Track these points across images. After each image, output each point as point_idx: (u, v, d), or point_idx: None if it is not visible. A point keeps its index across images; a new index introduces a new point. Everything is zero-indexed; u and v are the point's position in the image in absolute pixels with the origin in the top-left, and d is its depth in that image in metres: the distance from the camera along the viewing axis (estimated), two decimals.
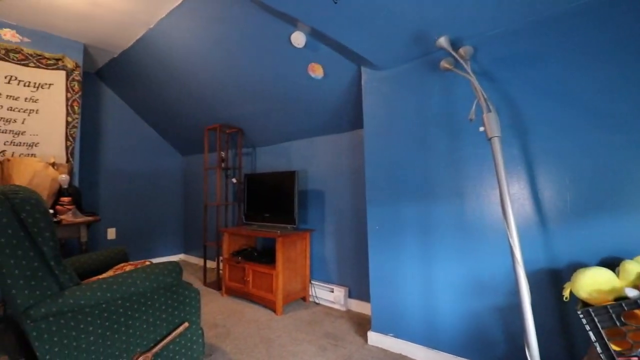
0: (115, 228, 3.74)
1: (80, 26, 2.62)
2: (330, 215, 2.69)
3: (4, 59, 2.51)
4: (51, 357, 1.24)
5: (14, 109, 2.54)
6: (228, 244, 2.87)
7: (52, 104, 2.72)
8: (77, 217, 2.26)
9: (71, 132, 2.81)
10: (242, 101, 2.86)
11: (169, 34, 2.57)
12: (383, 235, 1.86)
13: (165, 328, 1.56)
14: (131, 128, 3.92)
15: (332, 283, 2.61)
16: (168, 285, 1.56)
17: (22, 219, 1.20)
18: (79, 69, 2.90)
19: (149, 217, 4.03)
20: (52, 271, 1.27)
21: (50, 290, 1.25)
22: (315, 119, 2.61)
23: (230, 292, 2.82)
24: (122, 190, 3.80)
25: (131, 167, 3.88)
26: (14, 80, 2.55)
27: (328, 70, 2.11)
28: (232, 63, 2.52)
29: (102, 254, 1.95)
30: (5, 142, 2.47)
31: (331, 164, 2.69)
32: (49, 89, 2.72)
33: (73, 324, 1.29)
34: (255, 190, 2.96)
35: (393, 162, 1.83)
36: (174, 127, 3.86)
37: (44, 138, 2.66)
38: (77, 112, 2.86)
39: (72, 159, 2.80)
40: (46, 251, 1.25)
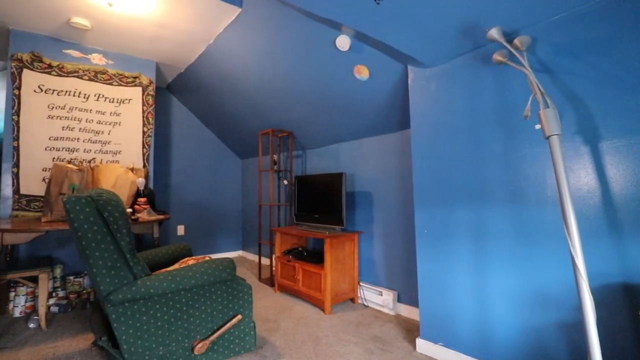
0: (184, 225, 4.14)
1: (152, 47, 2.97)
2: (378, 217, 2.65)
3: (93, 80, 2.95)
4: (127, 337, 1.44)
5: (102, 122, 2.97)
6: (280, 242, 3.00)
7: (131, 117, 3.13)
8: (151, 216, 2.56)
9: (147, 140, 3.20)
10: (291, 106, 2.97)
11: (226, 48, 2.79)
12: (432, 239, 1.79)
13: (221, 319, 1.70)
14: (196, 135, 4.31)
15: (380, 286, 2.58)
16: (223, 280, 1.70)
17: (104, 217, 1.41)
18: (152, 84, 3.28)
19: (212, 215, 4.39)
20: (127, 263, 1.47)
21: (126, 279, 1.45)
22: (363, 120, 2.60)
23: (282, 289, 2.95)
24: (189, 191, 4.20)
25: (196, 170, 4.27)
26: (102, 97, 2.99)
27: (374, 70, 2.10)
28: (281, 71, 2.64)
29: (170, 249, 2.19)
30: (95, 151, 2.92)
31: (379, 165, 2.66)
32: (129, 103, 3.13)
33: (144, 309, 1.48)
34: (304, 191, 3.04)
35: (442, 163, 1.75)
36: (232, 133, 4.15)
37: (125, 146, 3.07)
38: (151, 123, 3.24)
39: (147, 164, 3.18)
40: (123, 245, 1.45)
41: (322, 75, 2.43)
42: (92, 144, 2.90)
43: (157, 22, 2.52)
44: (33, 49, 2.67)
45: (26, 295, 2.36)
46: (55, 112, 2.75)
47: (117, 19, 2.48)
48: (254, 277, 3.43)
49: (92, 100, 2.93)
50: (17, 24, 2.54)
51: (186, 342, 1.60)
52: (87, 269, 1.49)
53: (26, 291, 2.36)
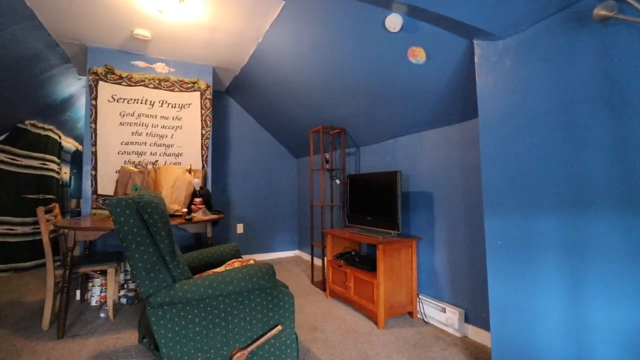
0: (242, 224, 4.26)
1: (207, 52, 3.07)
2: (441, 222, 2.32)
3: (158, 88, 3.16)
4: (165, 341, 1.42)
5: (166, 127, 3.16)
6: (331, 245, 2.85)
7: (191, 120, 3.28)
8: (205, 215, 2.63)
9: (205, 142, 3.32)
10: (342, 100, 2.79)
11: (274, 45, 2.72)
12: (507, 253, 1.44)
13: (261, 328, 1.61)
14: (253, 135, 4.40)
15: (444, 301, 2.24)
16: (262, 287, 1.60)
17: (144, 219, 1.41)
18: (209, 88, 3.40)
19: (269, 214, 4.44)
20: (167, 265, 1.45)
21: (165, 282, 1.43)
22: (421, 111, 2.30)
23: (334, 295, 2.79)
24: (247, 190, 4.31)
25: (254, 170, 4.36)
26: (165, 103, 3.18)
27: (431, 52, 1.80)
28: (329, 63, 2.47)
29: (219, 249, 2.18)
30: (160, 154, 3.12)
31: (442, 161, 2.32)
32: (189, 108, 3.28)
33: (183, 313, 1.45)
34: (356, 191, 2.84)
35: (520, 158, 1.39)
36: (286, 132, 4.13)
37: (186, 148, 3.23)
38: (209, 126, 3.36)
39: (206, 165, 3.30)
40: (162, 248, 1.44)
41: (372, 64, 2.20)
42: (157, 147, 3.10)
43: (207, 25, 2.56)
44: (106, 63, 2.95)
45: (101, 287, 2.60)
46: (125, 119, 3.00)
47: (172, 26, 2.58)
48: (307, 280, 3.34)
49: (157, 106, 3.13)
50: (93, 40, 2.82)
51: (225, 350, 1.53)
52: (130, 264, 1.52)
53: (101, 283, 2.60)
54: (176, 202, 2.66)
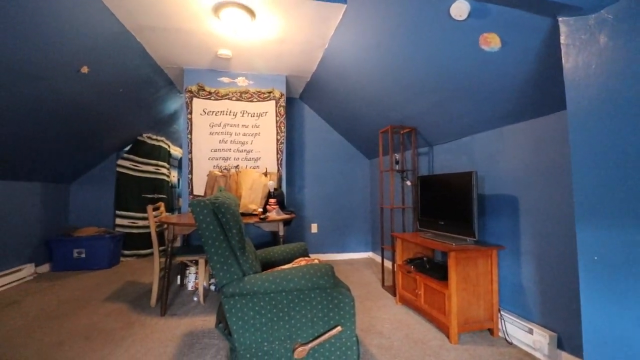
0: (316, 223, 4.43)
1: (279, 63, 3.29)
2: (527, 230, 2.02)
3: (240, 100, 3.51)
4: (237, 327, 1.58)
5: (246, 134, 3.50)
6: (401, 250, 2.75)
7: (267, 127, 3.55)
8: (278, 215, 2.82)
9: (280, 147, 3.56)
10: (411, 98, 2.67)
11: (340, 49, 2.77)
12: (607, 271, 1.18)
13: (322, 327, 1.65)
14: (326, 138, 4.53)
15: (532, 321, 1.95)
16: (322, 287, 1.65)
17: (218, 218, 1.59)
18: (283, 97, 3.64)
19: (342, 215, 4.51)
20: (237, 260, 1.61)
21: (236, 275, 1.60)
22: (499, 103, 2.05)
23: (404, 301, 2.68)
24: (320, 191, 4.46)
25: (327, 171, 4.49)
26: (246, 113, 3.52)
27: (506, 36, 1.59)
28: (394, 62, 2.40)
29: (288, 247, 2.32)
30: (242, 159, 3.46)
31: (528, 160, 2.03)
32: (265, 116, 3.56)
33: (251, 305, 1.59)
34: (428, 194, 2.68)
35: (623, 157, 1.13)
36: (357, 133, 4.14)
37: (263, 153, 3.52)
38: (283, 131, 3.59)
39: (281, 167, 3.54)
40: (234, 244, 1.61)
41: (441, 57, 2.05)
42: (239, 152, 3.46)
43: (277, 39, 2.75)
44: (198, 81, 3.41)
45: (195, 274, 3.02)
46: (214, 129, 3.42)
47: (247, 44, 2.85)
48: (377, 283, 3.28)
49: (239, 116, 3.49)
50: (188, 63, 3.31)
51: (288, 343, 1.63)
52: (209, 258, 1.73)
53: (195, 271, 3.02)
54: (254, 202, 2.92)
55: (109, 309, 2.55)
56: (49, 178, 3.74)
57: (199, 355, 1.86)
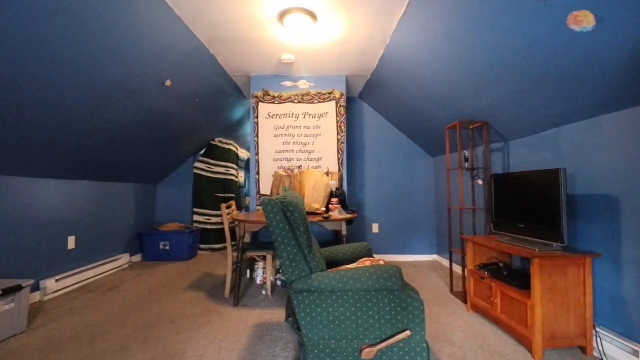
0: (377, 223, 4.36)
1: (340, 63, 3.31)
2: (630, 235, 1.73)
3: (301, 102, 3.61)
4: (305, 323, 1.63)
5: (308, 135, 3.59)
6: (472, 253, 2.56)
7: (328, 128, 3.60)
8: (341, 214, 2.84)
9: (340, 146, 3.59)
10: (482, 90, 2.47)
11: (402, 43, 2.68)
12: None
13: (389, 329, 1.62)
14: (387, 136, 4.43)
15: (636, 341, 1.67)
16: (389, 289, 1.61)
17: (287, 216, 1.66)
18: (343, 96, 3.65)
19: (404, 215, 4.37)
20: (305, 257, 1.66)
21: (303, 272, 1.65)
22: (592, 91, 1.78)
23: (476, 309, 2.49)
24: (382, 190, 4.37)
25: (388, 170, 4.39)
26: (307, 115, 3.61)
27: (602, 12, 1.37)
28: (463, 51, 2.24)
29: (352, 246, 2.33)
30: (304, 159, 3.56)
31: (630, 154, 1.73)
32: (326, 116, 3.62)
33: (318, 302, 1.63)
34: (504, 193, 2.45)
35: None
36: (420, 130, 3.97)
37: (324, 153, 3.58)
38: (343, 131, 3.61)
39: (341, 167, 3.56)
40: (301, 242, 1.66)
41: (519, 42, 1.86)
42: (301, 153, 3.56)
43: (339, 40, 2.77)
44: (263, 87, 3.60)
45: (263, 269, 3.19)
46: (278, 132, 3.58)
47: (309, 47, 2.92)
48: (444, 288, 3.11)
49: (300, 118, 3.60)
50: (254, 70, 3.51)
51: (355, 342, 1.63)
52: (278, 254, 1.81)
53: (263, 265, 3.19)
54: (316, 201, 2.99)
55: (190, 296, 2.83)
56: (140, 179, 4.29)
57: (269, 347, 1.96)
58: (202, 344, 1.99)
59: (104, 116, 2.71)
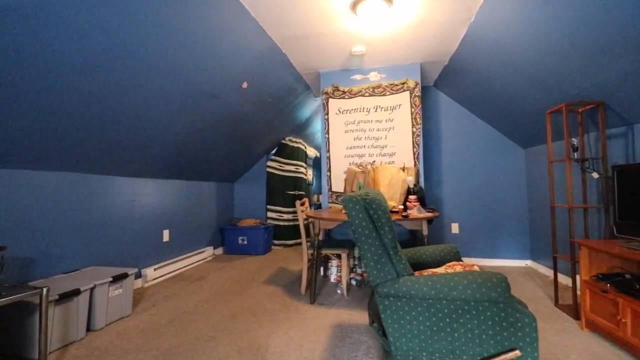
0: (457, 223, 3.99)
1: (413, 50, 3.07)
2: None
3: (372, 95, 3.46)
4: (392, 330, 1.50)
5: (380, 130, 3.43)
6: (588, 261, 2.14)
7: (402, 120, 3.39)
8: (420, 213, 2.63)
9: (416, 140, 3.35)
10: (595, 65, 2.03)
11: (490, 20, 2.35)
12: None
13: (493, 346, 1.41)
14: (466, 126, 4.02)
15: None
16: (493, 300, 1.40)
17: (370, 215, 1.55)
18: (418, 86, 3.40)
19: (489, 214, 3.93)
20: (390, 259, 1.53)
21: (390, 275, 1.52)
22: None
23: (593, 328, 2.07)
24: (462, 187, 3.99)
25: (469, 164, 3.98)
26: (379, 108, 3.45)
27: None
28: (568, 21, 1.85)
29: (437, 249, 2.12)
30: (376, 155, 3.41)
31: None
32: (399, 108, 3.41)
33: (407, 308, 1.49)
34: (631, 189, 1.98)
35: None
36: (509, 118, 3.50)
37: (398, 148, 3.38)
38: (419, 123, 3.36)
39: (417, 162, 3.32)
40: (386, 242, 1.54)
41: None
42: (373, 149, 3.42)
43: (414, 23, 2.56)
44: (333, 82, 3.53)
45: (337, 267, 3.14)
46: (349, 127, 3.49)
47: (381, 36, 2.76)
48: (547, 300, 2.67)
49: (372, 112, 3.45)
50: (323, 67, 3.47)
51: (450, 357, 1.45)
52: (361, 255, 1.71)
53: (337, 264, 3.14)
54: (392, 199, 2.82)
55: (269, 290, 2.91)
56: (220, 178, 4.61)
57: (351, 350, 1.88)
58: (283, 340, 2.00)
59: (190, 120, 2.94)
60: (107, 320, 2.18)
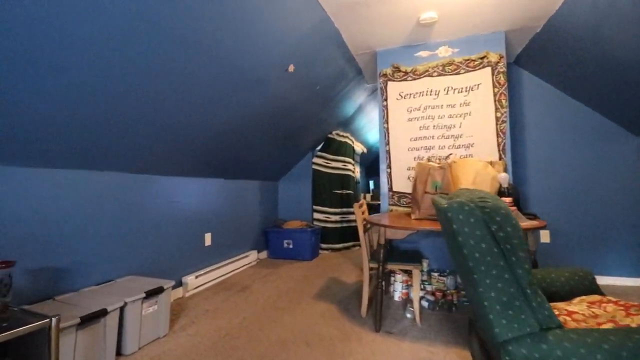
0: (548, 230, 3.24)
1: (498, 15, 2.43)
2: None
3: (442, 74, 2.86)
4: None
5: (452, 116, 2.81)
6: None
7: (481, 103, 2.75)
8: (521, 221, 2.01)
9: (501, 127, 2.69)
10: None
11: None
12: None
13: None
14: (557, 110, 3.24)
15: None
16: None
17: (492, 231, 1.02)
18: (502, 59, 2.73)
19: (590, 220, 3.12)
20: (528, 302, 0.99)
21: (529, 327, 0.97)
22: None
23: None
24: (553, 186, 3.23)
25: (562, 157, 3.20)
26: (450, 90, 2.83)
27: None
28: None
29: (563, 273, 1.51)
30: (448, 146, 2.81)
31: None
32: (478, 89, 2.77)
33: None
34: None
35: None
36: (619, 97, 2.69)
37: (477, 138, 2.74)
38: (504, 106, 2.69)
39: (503, 155, 2.67)
40: (520, 275, 0.99)
41: None
42: (445, 139, 2.82)
43: None
44: (393, 62, 2.98)
45: (402, 283, 2.61)
46: (412, 115, 2.92)
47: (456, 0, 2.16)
48: None
49: (442, 95, 2.85)
50: (381, 44, 2.93)
51: None
52: (470, 292, 1.18)
53: (402, 279, 2.61)
54: None
55: (322, 308, 2.47)
56: (264, 176, 4.28)
57: None
58: None
59: (231, 109, 2.58)
60: (140, 342, 1.88)
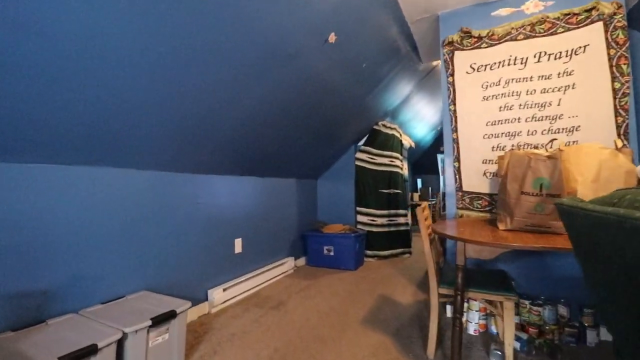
0: None
1: None
2: None
3: (530, 37, 2.17)
4: None
5: (547, 90, 2.12)
6: None
7: (589, 71, 2.02)
8: None
9: (621, 102, 1.95)
10: None
11: None
12: None
13: None
14: None
15: None
16: None
17: None
18: (621, 9, 1.98)
19: None
20: None
21: None
22: None
23: None
24: None
25: None
26: (544, 56, 2.14)
27: None
28: None
29: None
30: (542, 131, 2.11)
31: None
32: (584, 52, 2.04)
33: None
34: None
35: None
36: None
37: (584, 119, 2.02)
38: (626, 73, 1.95)
39: (626, 140, 1.93)
40: None
41: None
42: (536, 122, 2.13)
43: None
44: (461, 26, 2.34)
45: (479, 312, 1.99)
46: (489, 92, 2.26)
47: None
48: None
49: (530, 64, 2.17)
50: (444, 5, 2.31)
51: None
52: None
53: (479, 307, 1.99)
54: None
55: (374, 340, 1.94)
56: (301, 174, 3.82)
57: None
58: None
59: (261, 90, 2.13)
60: None
